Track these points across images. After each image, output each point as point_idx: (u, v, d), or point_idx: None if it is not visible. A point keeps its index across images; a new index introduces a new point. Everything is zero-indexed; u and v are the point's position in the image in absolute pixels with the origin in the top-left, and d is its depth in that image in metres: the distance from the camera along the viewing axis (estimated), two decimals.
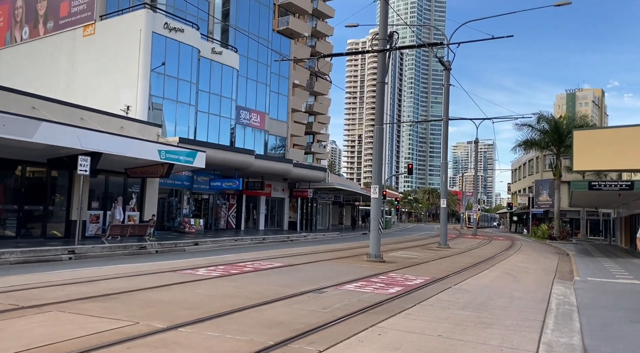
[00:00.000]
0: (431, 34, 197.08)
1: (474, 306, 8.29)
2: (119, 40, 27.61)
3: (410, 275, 12.16)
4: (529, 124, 41.65)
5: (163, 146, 20.00)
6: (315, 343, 5.45)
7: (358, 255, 16.88)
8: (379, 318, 6.86)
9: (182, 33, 28.64)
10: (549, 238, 40.60)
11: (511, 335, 6.34)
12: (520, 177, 67.97)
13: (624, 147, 21.23)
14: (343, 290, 9.28)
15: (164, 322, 6.12)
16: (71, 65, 29.72)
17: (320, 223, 45.26)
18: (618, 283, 12.40)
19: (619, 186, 23.90)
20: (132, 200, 22.57)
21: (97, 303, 7.17)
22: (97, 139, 16.97)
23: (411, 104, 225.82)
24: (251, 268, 12.15)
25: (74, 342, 5.13)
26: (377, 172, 17.01)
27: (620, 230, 38.21)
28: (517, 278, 12.95)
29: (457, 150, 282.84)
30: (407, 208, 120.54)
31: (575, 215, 50.19)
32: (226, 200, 32.73)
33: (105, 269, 11.55)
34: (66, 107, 19.08)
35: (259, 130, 37.65)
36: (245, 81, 36.36)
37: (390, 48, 17.01)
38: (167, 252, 18.23)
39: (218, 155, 26.04)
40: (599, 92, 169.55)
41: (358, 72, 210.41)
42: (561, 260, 20.33)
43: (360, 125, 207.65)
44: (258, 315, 6.80)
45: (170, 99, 28.56)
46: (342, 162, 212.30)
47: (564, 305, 8.89)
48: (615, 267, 17.05)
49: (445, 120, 28.49)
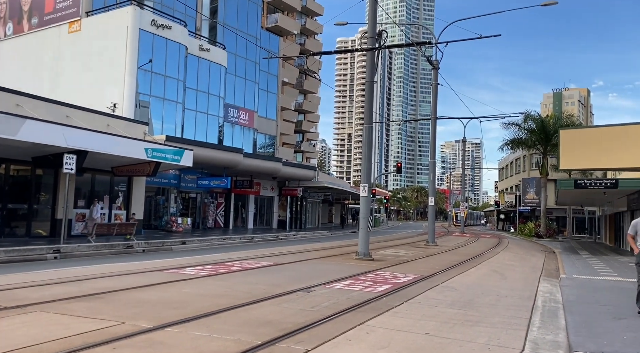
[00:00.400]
0: (420, 33, 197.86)
1: (461, 304, 8.34)
2: (105, 37, 27.29)
3: (398, 273, 12.19)
4: (516, 123, 42.05)
5: (150, 144, 19.83)
6: (303, 342, 5.44)
7: (347, 254, 16.89)
8: (367, 317, 6.86)
9: (170, 30, 28.39)
10: (535, 236, 41.02)
11: (498, 332, 6.38)
12: (508, 176, 68.58)
13: (609, 146, 21.51)
14: (332, 289, 9.28)
15: (150, 321, 6.06)
16: (56, 62, 29.32)
17: (310, 222, 45.24)
18: (603, 281, 12.56)
19: (604, 185, 24.22)
20: (119, 199, 22.35)
21: (82, 303, 7.07)
22: (83, 137, 16.76)
23: (400, 103, 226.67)
24: (239, 268, 12.10)
25: (58, 343, 5.05)
26: (367, 170, 17.03)
27: (605, 228, 38.73)
28: (504, 276, 13.06)
29: (445, 149, 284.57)
30: (396, 207, 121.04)
31: (562, 213, 50.80)
32: (214, 199, 32.55)
33: (90, 269, 11.42)
34: (51, 104, 18.82)
35: (247, 128, 37.49)
36: (234, 79, 36.17)
37: (379, 47, 17.03)
38: (154, 251, 18.08)
39: (206, 154, 25.88)
40: (585, 92, 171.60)
41: (347, 71, 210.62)
42: (547, 258, 20.55)
43: (350, 123, 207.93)
44: (246, 315, 6.76)
45: (157, 97, 28.31)
46: (332, 160, 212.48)
47: (550, 303, 8.98)
48: (600, 265, 17.27)
49: (434, 119, 28.62)
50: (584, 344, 5.80)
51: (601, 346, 5.77)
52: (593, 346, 5.74)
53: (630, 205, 24.74)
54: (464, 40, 19.34)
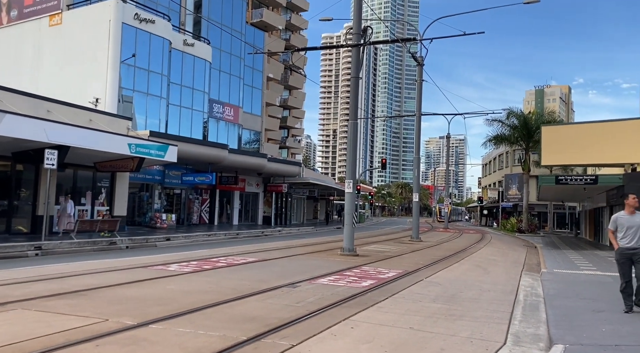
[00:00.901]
0: (404, 30, 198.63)
1: (444, 298, 8.44)
2: (87, 30, 26.86)
3: (383, 268, 12.28)
4: (499, 120, 42.54)
5: (133, 140, 19.60)
6: (289, 337, 5.46)
7: (332, 250, 16.95)
8: (352, 312, 6.91)
9: (153, 24, 28.05)
10: (517, 231, 41.61)
11: (481, 326, 6.47)
12: (491, 172, 69.39)
13: (590, 142, 21.89)
14: (317, 284, 9.31)
15: (134, 318, 6.02)
16: (37, 55, 28.77)
17: (295, 217, 45.24)
18: (582, 275, 12.81)
19: (584, 180, 24.65)
20: (102, 195, 22.08)
21: (65, 301, 6.99)
22: (64, 132, 16.49)
23: (385, 99, 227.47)
24: (224, 264, 12.06)
25: (40, 341, 4.99)
26: (352, 166, 17.08)
27: (585, 223, 39.46)
28: (486, 270, 13.24)
29: (430, 145, 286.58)
30: (380, 203, 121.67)
31: (543, 208, 51.58)
32: (199, 194, 32.35)
33: (73, 265, 11.28)
34: (32, 98, 18.47)
35: (232, 124, 37.29)
36: (218, 74, 35.91)
37: (364, 43, 17.06)
38: (137, 248, 17.91)
39: (190, 149, 25.68)
40: (566, 89, 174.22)
41: (333, 67, 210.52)
42: (529, 253, 20.87)
43: (335, 119, 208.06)
44: (231, 311, 6.76)
45: (141, 92, 27.99)
46: (317, 156, 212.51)
47: (532, 297, 9.14)
48: (580, 259, 17.60)
49: (418, 116, 28.80)
50: (564, 337, 5.92)
51: (581, 338, 5.90)
52: (573, 338, 5.87)
53: (610, 200, 25.24)
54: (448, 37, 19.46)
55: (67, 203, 19.18)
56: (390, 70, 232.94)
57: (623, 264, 7.51)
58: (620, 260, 7.54)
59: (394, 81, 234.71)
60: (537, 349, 5.56)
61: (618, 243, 7.61)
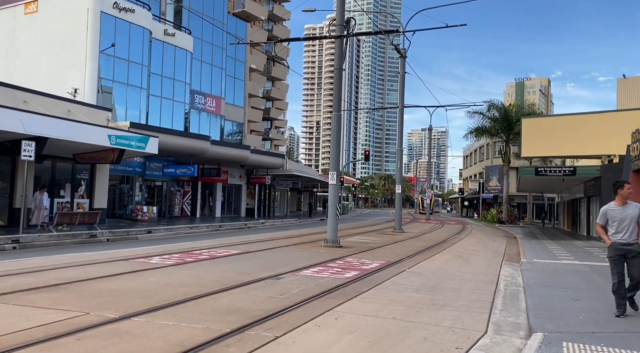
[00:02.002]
0: (387, 22, 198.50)
1: (427, 289, 8.54)
2: (64, 19, 26.22)
3: (366, 259, 12.36)
4: (480, 112, 43.01)
5: (113, 131, 19.28)
6: (273, 329, 5.46)
7: (316, 241, 16.99)
8: (336, 303, 6.94)
9: (133, 13, 27.52)
10: (498, 222, 42.27)
11: (462, 315, 6.57)
12: (472, 163, 70.19)
13: (568, 134, 22.27)
14: (300, 276, 9.32)
15: (116, 311, 5.95)
16: (11, 44, 28.01)
17: (279, 210, 45.17)
18: (560, 264, 13.08)
19: (563, 172, 25.11)
20: (81, 187, 21.72)
21: (44, 294, 6.88)
22: (42, 123, 16.13)
23: (368, 91, 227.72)
24: (207, 256, 12.00)
25: (19, 335, 4.90)
26: (335, 158, 17.09)
27: (563, 213, 40.25)
28: (468, 260, 13.42)
29: (412, 137, 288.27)
30: (363, 194, 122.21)
31: (523, 199, 52.46)
32: (181, 187, 32.04)
33: (52, 259, 11.09)
34: (7, 88, 18.01)
35: (214, 115, 36.93)
36: (200, 65, 35.46)
37: (347, 34, 17.00)
38: (118, 241, 17.70)
39: (172, 141, 25.37)
40: (546, 81, 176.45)
41: (316, 58, 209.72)
42: (509, 243, 21.22)
43: (318, 111, 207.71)
44: (214, 303, 6.73)
45: (121, 82, 27.50)
46: (301, 148, 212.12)
47: (512, 286, 9.30)
48: (558, 249, 17.97)
49: (401, 108, 28.91)
50: (543, 325, 6.05)
51: (559, 326, 6.03)
52: (551, 326, 6.00)
53: (587, 191, 25.77)
54: (431, 29, 19.51)
55: (42, 196, 18.75)
56: (373, 62, 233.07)
57: (616, 262, 6.50)
58: (614, 258, 6.53)
59: (377, 73, 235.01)
60: (517, 337, 5.66)
61: (610, 238, 6.63)
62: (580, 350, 4.99)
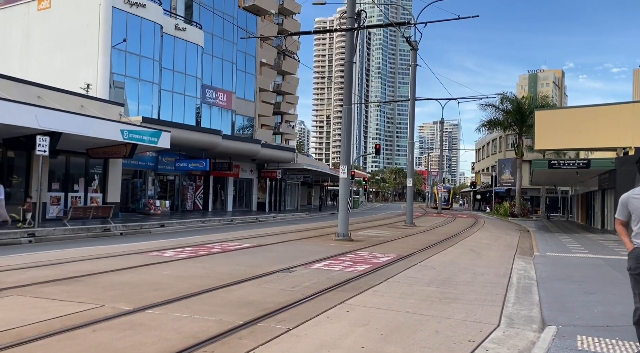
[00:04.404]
0: (398, 14, 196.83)
1: (439, 282, 8.51)
2: (77, 15, 26.42)
3: (377, 253, 12.35)
4: (493, 104, 42.55)
5: (126, 126, 19.45)
6: (285, 321, 5.49)
7: (327, 235, 17.02)
8: (347, 296, 6.96)
9: (144, 8, 27.64)
10: (510, 215, 41.92)
11: (475, 309, 6.54)
12: (484, 157, 69.62)
13: (582, 127, 21.96)
14: (312, 269, 9.35)
15: (130, 304, 6.03)
16: (26, 41, 28.32)
17: (289, 203, 45.27)
18: (574, 257, 12.95)
19: (576, 165, 24.80)
20: (95, 182, 21.96)
21: (60, 287, 6.99)
22: (56, 118, 16.32)
23: (379, 84, 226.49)
24: (219, 249, 12.08)
25: (36, 327, 4.99)
26: (346, 152, 17.07)
27: (577, 207, 39.80)
28: (480, 254, 13.35)
29: (423, 131, 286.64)
30: (374, 188, 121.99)
31: (536, 193, 51.93)
32: (193, 181, 32.25)
33: (67, 252, 11.26)
34: (22, 84, 18.23)
35: (225, 109, 37.04)
36: (211, 59, 35.55)
37: (358, 27, 16.91)
38: (132, 234, 17.90)
39: (183, 136, 25.53)
40: (560, 73, 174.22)
41: (326, 52, 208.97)
42: (522, 237, 21.05)
43: (328, 105, 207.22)
44: (227, 296, 6.78)
45: (133, 77, 27.68)
46: (311, 142, 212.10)
47: (524, 280, 9.24)
48: (572, 242, 17.79)
49: (412, 101, 28.73)
50: (557, 318, 6.01)
51: (572, 320, 5.98)
52: (565, 320, 5.95)
53: (602, 184, 25.44)
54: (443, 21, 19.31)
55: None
56: (383, 55, 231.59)
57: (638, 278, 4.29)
58: (636, 271, 4.29)
59: (388, 66, 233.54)
60: (530, 330, 5.63)
61: (633, 242, 4.38)
62: (595, 344, 4.95)
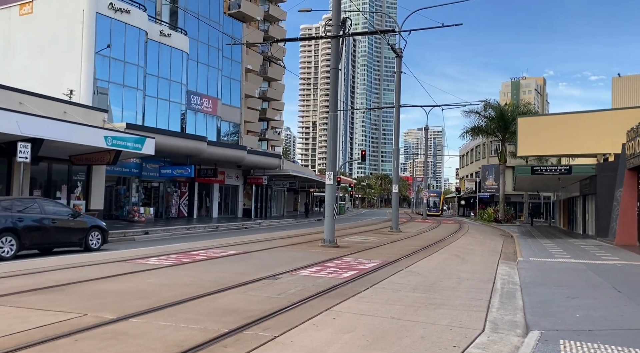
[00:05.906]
0: (383, 21, 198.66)
1: (424, 288, 8.55)
2: (59, 20, 26.15)
3: (363, 259, 12.37)
4: (477, 111, 43.11)
5: (109, 132, 19.25)
6: (271, 329, 5.47)
7: (313, 241, 16.99)
8: (334, 302, 6.95)
9: (128, 14, 27.47)
10: (494, 221, 42.35)
11: (460, 314, 6.59)
12: (468, 163, 70.34)
13: (563, 133, 22.36)
14: (298, 276, 9.33)
15: (113, 313, 5.94)
16: (7, 46, 27.92)
17: (275, 210, 45.16)
18: (557, 263, 13.13)
19: (558, 171, 25.19)
20: (78, 189, 21.67)
21: (41, 296, 6.86)
22: (38, 125, 16.10)
23: (364, 91, 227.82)
24: (204, 257, 11.99)
25: (16, 337, 4.89)
26: (332, 158, 17.10)
27: (559, 212, 40.37)
28: (464, 260, 13.45)
29: (408, 137, 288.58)
30: (360, 194, 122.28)
31: (519, 198, 52.59)
32: (177, 188, 32.00)
33: (49, 260, 11.07)
34: (3, 90, 17.96)
35: (211, 116, 36.89)
36: (196, 65, 35.43)
37: (343, 34, 17.02)
38: (115, 242, 17.65)
39: (168, 142, 25.35)
40: (541, 81, 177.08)
41: (312, 58, 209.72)
42: (506, 242, 21.28)
43: (314, 111, 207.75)
44: (212, 303, 6.73)
45: (117, 83, 27.45)
46: (297, 148, 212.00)
47: (508, 285, 9.33)
48: (554, 248, 18.02)
49: (397, 108, 28.94)
50: (540, 323, 6.08)
51: (555, 324, 6.06)
52: (548, 324, 6.02)
53: (583, 190, 25.86)
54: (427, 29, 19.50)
55: None
56: (369, 62, 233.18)
57: None
58: None
59: (373, 73, 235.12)
60: (514, 335, 5.69)
61: None
62: (577, 348, 5.02)
